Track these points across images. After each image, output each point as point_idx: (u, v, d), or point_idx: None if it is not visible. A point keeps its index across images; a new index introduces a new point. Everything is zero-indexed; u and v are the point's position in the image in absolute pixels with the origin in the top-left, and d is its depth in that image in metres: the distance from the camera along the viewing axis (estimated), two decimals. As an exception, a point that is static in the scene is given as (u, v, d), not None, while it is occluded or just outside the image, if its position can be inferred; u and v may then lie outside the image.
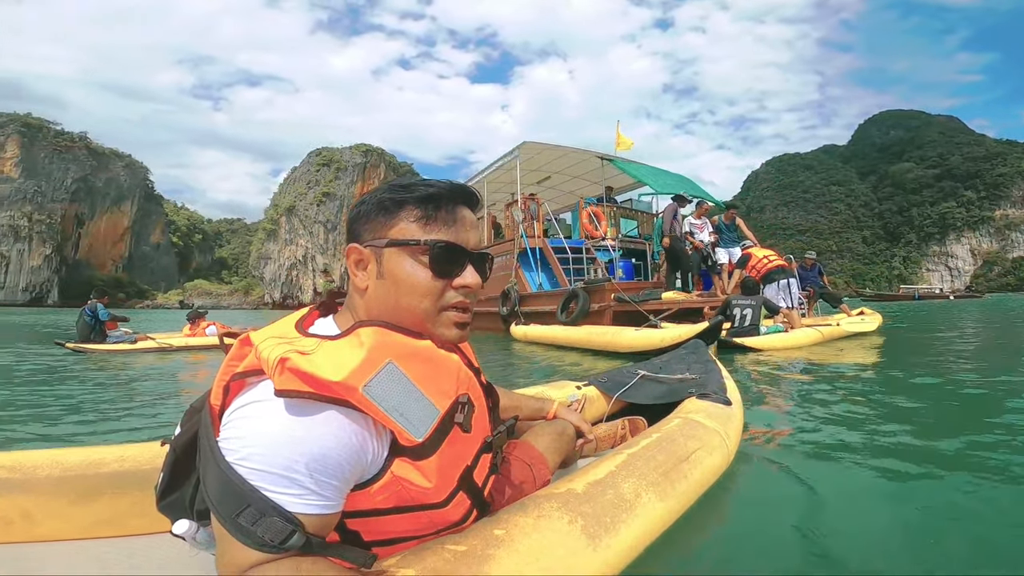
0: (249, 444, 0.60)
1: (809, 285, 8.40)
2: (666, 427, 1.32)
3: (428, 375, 0.70)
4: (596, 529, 0.84)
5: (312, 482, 0.59)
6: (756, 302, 5.34)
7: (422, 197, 0.75)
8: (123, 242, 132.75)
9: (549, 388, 1.74)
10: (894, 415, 2.36)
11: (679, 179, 9.62)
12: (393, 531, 0.71)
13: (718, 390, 1.68)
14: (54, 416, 2.67)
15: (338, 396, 0.61)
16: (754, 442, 1.87)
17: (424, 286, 0.73)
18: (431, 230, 0.74)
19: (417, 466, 0.67)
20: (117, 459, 1.06)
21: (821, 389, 3.01)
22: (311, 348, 0.64)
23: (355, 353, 0.64)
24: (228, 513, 0.59)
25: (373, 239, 0.75)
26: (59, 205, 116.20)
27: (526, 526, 0.78)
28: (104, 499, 1.02)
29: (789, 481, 1.49)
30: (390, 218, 0.75)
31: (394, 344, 0.68)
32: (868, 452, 1.78)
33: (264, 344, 0.65)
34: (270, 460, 0.59)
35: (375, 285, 0.74)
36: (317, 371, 0.61)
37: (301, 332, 0.70)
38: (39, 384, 3.78)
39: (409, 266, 0.73)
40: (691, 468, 1.17)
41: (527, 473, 1.01)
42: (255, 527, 0.58)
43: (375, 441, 0.65)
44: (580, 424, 1.31)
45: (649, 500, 0.99)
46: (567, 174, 11.50)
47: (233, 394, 0.66)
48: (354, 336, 0.67)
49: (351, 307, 0.78)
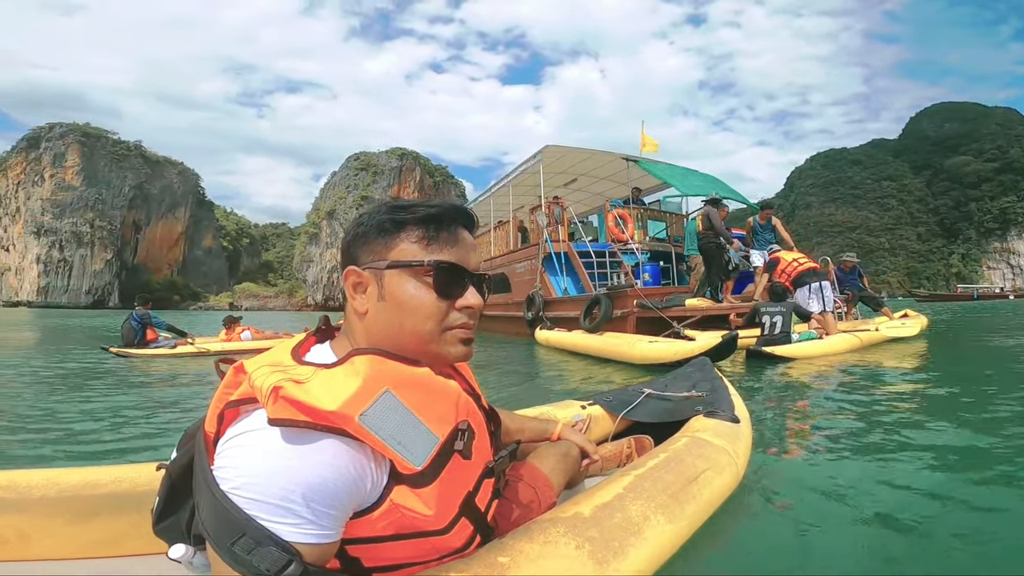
0: (243, 473, 0.59)
1: (848, 288, 8.03)
2: (674, 447, 1.30)
3: (426, 402, 0.69)
4: (604, 554, 0.83)
5: (308, 511, 0.59)
6: (786, 308, 5.12)
7: (423, 218, 0.74)
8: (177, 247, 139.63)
9: (554, 408, 1.73)
10: (915, 434, 2.22)
11: (706, 179, 9.37)
12: (394, 558, 0.70)
13: (726, 408, 1.65)
14: (86, 421, 2.81)
15: (333, 425, 0.60)
16: (764, 461, 1.81)
17: (428, 308, 0.73)
18: (433, 251, 0.74)
19: (417, 493, 0.66)
20: (113, 480, 1.06)
21: (846, 404, 2.88)
22: (306, 377, 0.63)
23: (351, 382, 0.64)
24: (223, 542, 0.58)
25: (373, 261, 0.74)
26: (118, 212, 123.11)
27: (532, 552, 0.77)
28: (100, 520, 1.02)
29: (799, 503, 1.46)
30: (390, 239, 0.74)
31: (390, 372, 0.68)
32: (883, 475, 1.71)
33: (257, 372, 0.65)
34: (265, 490, 0.58)
35: (376, 308, 0.73)
36: (312, 400, 0.60)
37: (296, 360, 0.70)
38: (78, 389, 3.98)
39: (412, 288, 0.72)
40: (700, 489, 1.15)
41: (532, 496, 1.00)
42: (250, 556, 0.57)
43: (374, 469, 0.64)
44: (585, 444, 1.29)
45: (658, 523, 0.97)
46: (594, 176, 11.37)
47: (228, 422, 0.66)
48: (349, 364, 0.67)
49: (348, 332, 0.77)
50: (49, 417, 2.90)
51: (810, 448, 2.05)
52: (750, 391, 3.30)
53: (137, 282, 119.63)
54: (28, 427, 2.66)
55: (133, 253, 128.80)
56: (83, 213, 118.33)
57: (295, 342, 0.76)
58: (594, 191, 12.18)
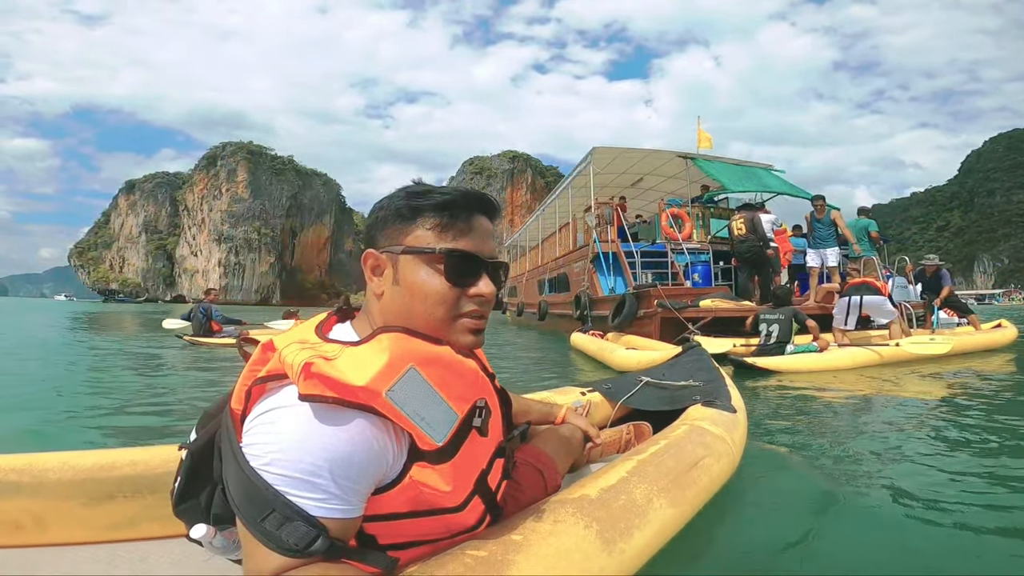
0: (273, 449, 0.60)
1: (930, 293, 7.15)
2: (674, 434, 1.34)
3: (448, 380, 0.70)
4: (611, 534, 0.85)
5: (336, 487, 0.60)
6: (784, 315, 4.80)
7: (438, 204, 0.75)
8: (325, 250, 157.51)
9: (555, 394, 1.78)
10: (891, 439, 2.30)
11: (751, 174, 8.91)
12: (409, 535, 0.71)
13: (723, 397, 1.70)
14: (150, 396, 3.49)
15: (362, 401, 0.62)
16: (757, 450, 1.90)
17: (439, 294, 0.73)
18: (446, 238, 0.75)
19: (436, 470, 0.68)
20: (129, 463, 1.06)
21: (833, 407, 3.03)
22: (334, 353, 0.64)
23: (378, 358, 0.65)
24: (253, 518, 0.59)
25: (389, 245, 0.75)
26: (278, 220, 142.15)
27: (543, 531, 0.79)
28: (116, 502, 1.02)
29: (792, 490, 1.60)
30: (407, 225, 0.75)
31: (415, 350, 0.69)
32: (869, 469, 1.87)
33: (288, 349, 0.66)
34: (294, 465, 0.59)
35: (390, 291, 0.75)
36: (341, 376, 0.61)
37: (322, 337, 0.71)
38: (149, 368, 4.96)
39: (424, 274, 0.73)
40: (699, 475, 1.19)
41: (538, 478, 1.02)
42: (280, 531, 0.58)
43: (395, 445, 0.65)
44: (588, 428, 1.33)
45: (661, 506, 1.00)
46: (661, 175, 11.20)
47: (255, 399, 0.67)
48: (376, 342, 0.68)
49: (368, 312, 0.79)
50: (110, 394, 3.48)
51: (799, 443, 2.21)
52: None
53: (294, 282, 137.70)
54: (82, 405, 3.09)
55: (291, 256, 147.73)
56: (252, 222, 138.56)
57: (317, 321, 0.78)
58: (665, 190, 11.95)
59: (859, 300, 5.60)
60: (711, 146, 9.28)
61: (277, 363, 0.66)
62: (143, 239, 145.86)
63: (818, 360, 4.58)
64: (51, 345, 7.46)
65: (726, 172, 8.66)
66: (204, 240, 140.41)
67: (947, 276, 7.33)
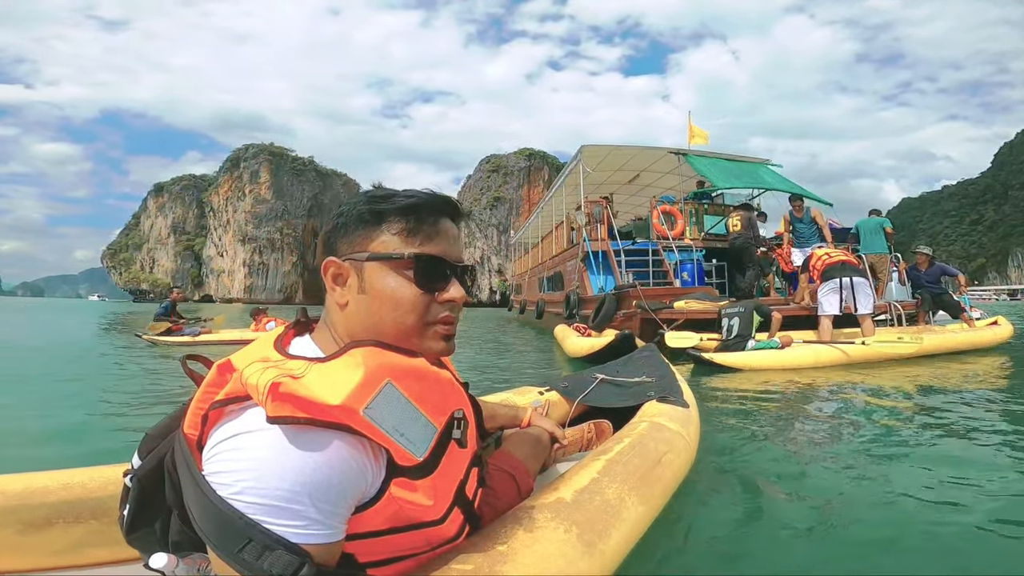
0: (244, 478, 0.57)
1: (923, 291, 6.87)
2: (635, 431, 1.37)
3: (425, 393, 0.69)
4: (590, 536, 0.87)
5: (316, 512, 0.57)
6: (745, 308, 4.73)
7: (404, 208, 0.73)
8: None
9: (513, 394, 1.81)
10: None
11: (745, 170, 8.77)
12: (390, 551, 0.68)
13: (675, 393, 1.75)
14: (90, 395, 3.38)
15: (338, 421, 0.59)
16: (709, 443, 1.99)
17: (409, 301, 0.71)
18: (414, 243, 0.72)
19: (417, 485, 0.66)
20: (63, 486, 1.01)
21: (782, 400, 3.18)
22: (301, 371, 0.61)
23: (352, 374, 0.62)
24: (229, 549, 0.56)
25: (352, 252, 0.72)
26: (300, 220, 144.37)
27: (525, 539, 0.79)
28: (57, 529, 0.97)
29: (745, 481, 1.68)
30: (370, 231, 0.72)
31: (391, 363, 0.67)
32: (810, 458, 1.99)
33: (250, 369, 0.62)
34: (270, 492, 0.56)
35: (356, 300, 0.72)
36: (313, 395, 0.59)
37: (283, 353, 0.68)
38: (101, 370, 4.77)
39: (392, 281, 0.71)
40: (663, 471, 1.23)
41: (511, 483, 1.01)
42: (261, 561, 0.55)
43: (373, 463, 0.63)
44: (554, 430, 1.35)
45: (633, 504, 1.02)
46: (657, 171, 11.09)
47: (212, 423, 0.64)
48: (349, 356, 0.65)
49: (330, 324, 0.75)
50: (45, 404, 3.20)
51: (749, 435, 2.31)
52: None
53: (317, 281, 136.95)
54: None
55: (313, 255, 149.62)
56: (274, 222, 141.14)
57: (274, 336, 0.74)
58: (664, 186, 11.81)
59: (849, 280, 5.30)
60: (706, 141, 9.16)
61: (237, 384, 0.63)
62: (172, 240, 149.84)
63: (778, 357, 4.51)
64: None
65: (716, 168, 8.56)
66: (230, 241, 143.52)
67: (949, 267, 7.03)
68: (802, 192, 8.52)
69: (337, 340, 0.73)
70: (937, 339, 5.51)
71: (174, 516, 0.71)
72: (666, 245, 8.30)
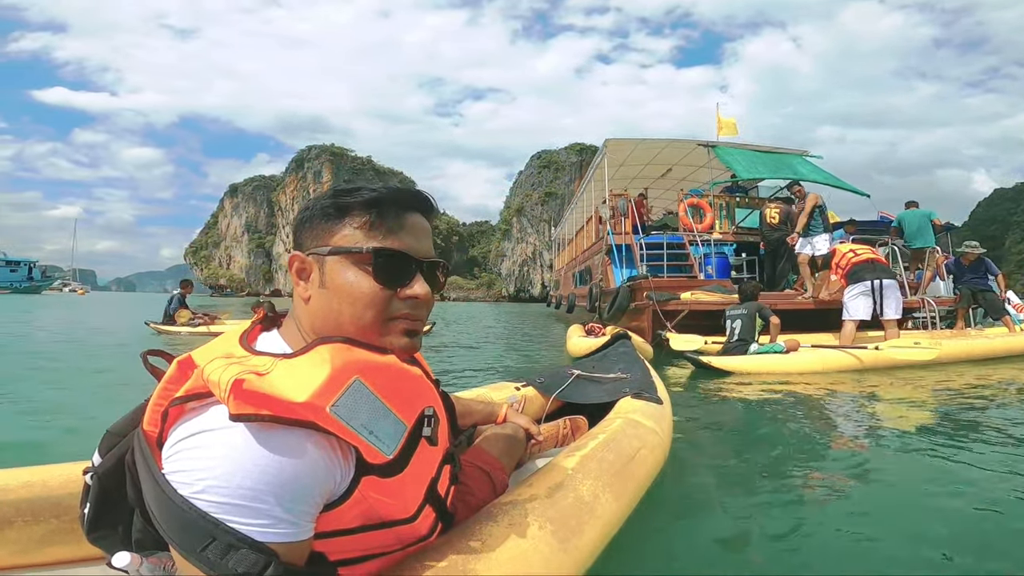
0: (205, 476, 0.56)
1: (962, 286, 6.42)
2: (610, 427, 1.38)
3: (394, 390, 0.67)
4: (564, 533, 0.87)
5: (281, 510, 0.56)
6: (748, 311, 4.57)
7: (366, 202, 0.72)
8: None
9: (489, 390, 1.81)
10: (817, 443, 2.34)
11: (779, 161, 8.47)
12: (360, 549, 0.68)
13: (650, 389, 1.76)
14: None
15: (303, 418, 0.58)
16: (683, 440, 2.01)
17: (367, 296, 0.70)
18: (376, 237, 0.71)
19: (386, 483, 0.65)
20: (23, 484, 0.99)
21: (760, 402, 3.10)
22: (266, 368, 0.60)
23: (318, 371, 0.61)
24: (191, 547, 0.55)
25: (316, 247, 0.72)
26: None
27: (500, 536, 0.79)
28: (16, 528, 0.96)
29: (719, 478, 1.71)
30: (334, 224, 0.72)
31: (359, 360, 0.65)
32: (795, 463, 2.00)
33: (212, 366, 0.60)
34: (232, 491, 0.55)
35: (317, 295, 0.71)
36: (278, 392, 0.57)
37: (248, 350, 0.67)
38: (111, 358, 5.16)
39: (352, 275, 0.70)
40: (637, 467, 1.24)
41: (486, 480, 1.02)
42: (225, 560, 0.54)
43: (341, 461, 0.62)
44: (529, 426, 1.34)
45: (606, 500, 1.03)
46: (690, 164, 10.89)
47: (172, 421, 0.62)
48: (315, 353, 0.63)
49: (296, 319, 0.75)
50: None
51: (723, 433, 2.37)
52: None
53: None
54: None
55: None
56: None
57: (240, 331, 0.73)
58: (698, 179, 11.59)
59: (880, 284, 4.98)
60: (736, 133, 8.97)
61: (199, 381, 0.61)
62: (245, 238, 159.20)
63: (782, 362, 4.26)
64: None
65: (743, 160, 8.34)
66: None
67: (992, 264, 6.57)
68: (837, 184, 8.17)
69: (304, 335, 0.72)
70: (963, 345, 5.08)
71: (136, 514, 0.71)
72: (692, 239, 8.21)
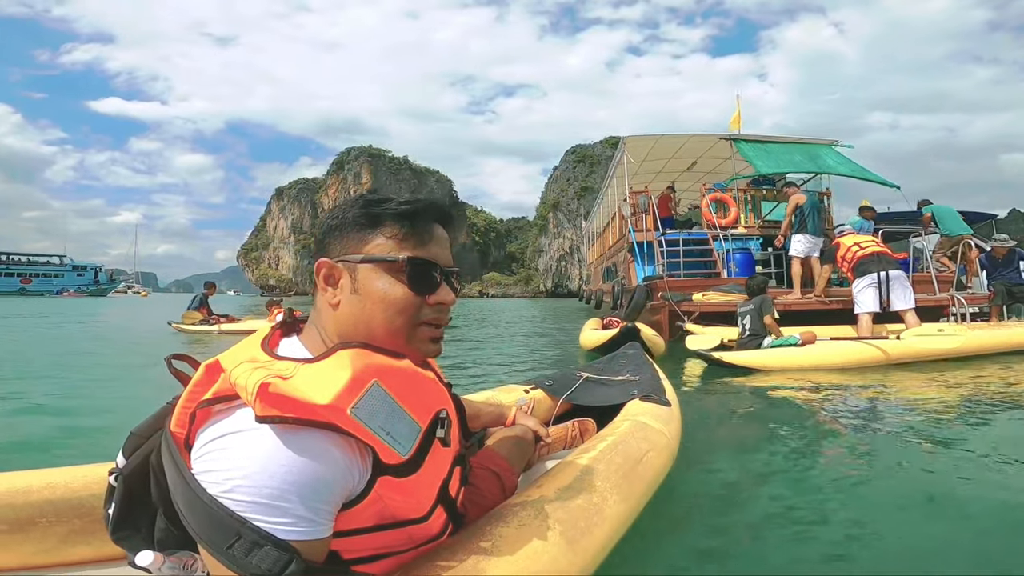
0: (234, 476, 0.58)
1: (996, 282, 6.14)
2: (618, 430, 1.38)
3: (410, 393, 0.70)
4: (573, 534, 0.88)
5: (304, 509, 0.59)
6: (755, 305, 4.53)
7: (400, 214, 0.76)
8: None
9: (499, 392, 1.83)
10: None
11: (801, 153, 8.37)
12: (374, 548, 0.71)
13: (658, 392, 1.76)
14: None
15: (325, 420, 0.60)
16: (692, 442, 1.97)
17: (401, 303, 0.74)
18: (407, 247, 0.75)
19: (401, 483, 0.68)
20: (45, 485, 1.01)
21: (772, 400, 3.05)
22: (290, 372, 0.63)
23: (340, 375, 0.63)
24: (219, 545, 0.58)
25: (345, 254, 0.74)
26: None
27: (509, 536, 0.81)
28: (40, 528, 0.97)
29: (727, 481, 1.69)
30: (366, 234, 0.75)
31: (377, 364, 0.68)
32: (789, 462, 1.97)
33: (238, 370, 0.63)
34: (259, 491, 0.58)
35: (349, 301, 0.74)
36: (301, 395, 0.60)
37: (271, 355, 0.69)
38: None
39: (386, 283, 0.73)
40: (645, 470, 1.24)
41: (496, 482, 1.04)
42: (250, 558, 0.56)
43: (359, 462, 0.64)
44: (538, 428, 1.37)
45: (615, 503, 1.04)
46: (715, 157, 10.76)
47: (200, 423, 0.65)
48: (336, 358, 0.67)
49: (319, 325, 0.77)
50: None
51: (727, 432, 2.36)
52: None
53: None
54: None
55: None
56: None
57: (260, 336, 0.75)
58: (724, 172, 11.43)
59: (886, 276, 4.86)
60: (739, 127, 8.87)
61: (225, 384, 0.64)
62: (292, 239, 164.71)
63: (796, 356, 4.11)
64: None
65: (763, 152, 8.22)
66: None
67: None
68: (864, 175, 7.97)
69: (326, 340, 0.75)
70: (993, 335, 4.79)
71: (159, 514, 0.73)
72: (715, 234, 8.15)
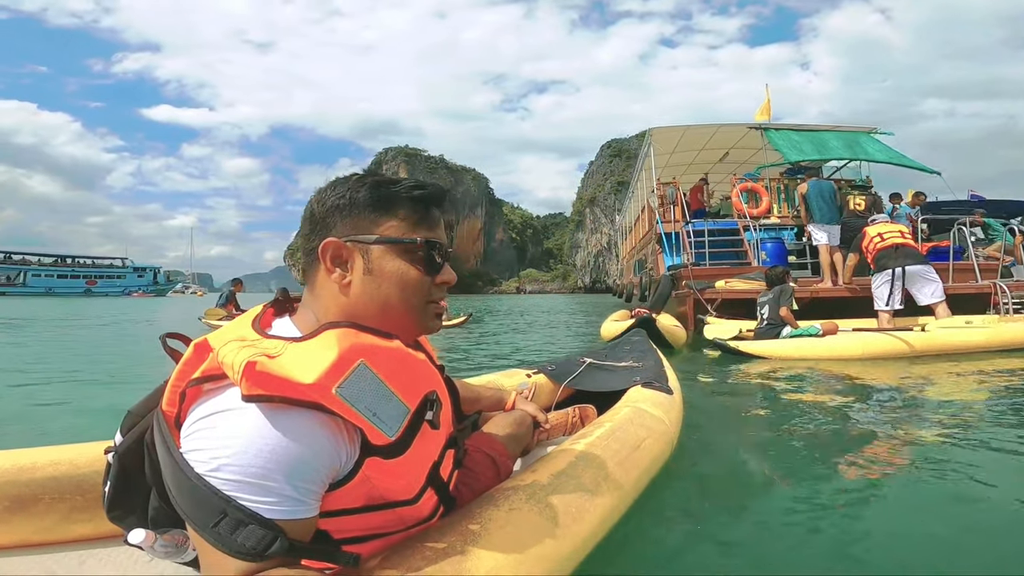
0: (220, 455, 0.58)
1: None
2: (617, 416, 1.37)
3: (398, 373, 0.69)
4: (564, 519, 0.88)
5: (290, 488, 0.59)
6: (774, 295, 4.50)
7: (415, 197, 0.77)
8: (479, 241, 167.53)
9: (500, 376, 1.82)
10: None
11: (838, 141, 8.14)
12: (363, 529, 0.70)
13: (660, 379, 1.76)
14: None
15: (310, 399, 0.60)
16: (694, 430, 1.92)
17: (416, 283, 0.76)
18: (421, 230, 0.77)
19: (389, 464, 0.67)
20: (51, 463, 1.00)
21: (777, 389, 2.99)
22: (277, 351, 0.62)
23: (326, 354, 0.63)
24: (204, 523, 0.58)
25: (355, 235, 0.74)
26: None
27: (500, 519, 0.81)
28: (42, 505, 0.97)
29: (727, 471, 1.66)
30: (380, 215, 0.75)
31: (365, 344, 0.67)
32: (791, 449, 1.93)
33: (226, 348, 0.63)
34: (244, 469, 0.57)
35: (362, 281, 0.73)
36: (287, 374, 0.60)
37: (261, 333, 0.68)
38: None
39: (401, 264, 0.75)
40: (641, 456, 1.23)
41: (491, 465, 1.04)
42: (235, 536, 0.56)
43: (347, 442, 0.64)
44: (537, 413, 1.38)
45: (608, 489, 1.03)
46: (747, 147, 10.61)
47: (190, 401, 0.65)
48: (323, 337, 0.66)
49: (314, 305, 0.76)
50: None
51: (733, 422, 2.33)
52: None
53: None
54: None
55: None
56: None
57: (252, 315, 0.75)
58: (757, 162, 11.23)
59: (902, 272, 4.72)
60: (768, 117, 8.72)
61: (214, 363, 0.64)
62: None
63: (815, 346, 3.99)
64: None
65: (791, 141, 8.07)
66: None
67: None
68: (902, 162, 7.72)
69: (322, 320, 0.74)
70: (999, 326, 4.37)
71: (153, 492, 0.73)
72: (745, 224, 8.07)
